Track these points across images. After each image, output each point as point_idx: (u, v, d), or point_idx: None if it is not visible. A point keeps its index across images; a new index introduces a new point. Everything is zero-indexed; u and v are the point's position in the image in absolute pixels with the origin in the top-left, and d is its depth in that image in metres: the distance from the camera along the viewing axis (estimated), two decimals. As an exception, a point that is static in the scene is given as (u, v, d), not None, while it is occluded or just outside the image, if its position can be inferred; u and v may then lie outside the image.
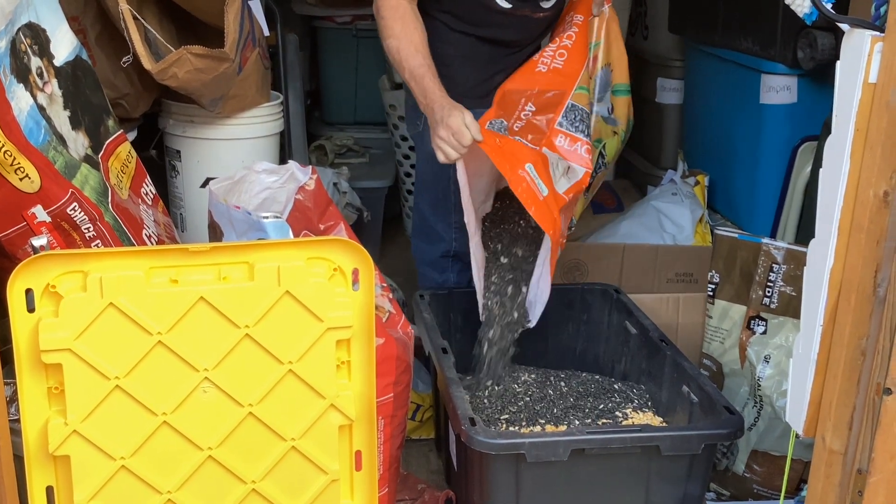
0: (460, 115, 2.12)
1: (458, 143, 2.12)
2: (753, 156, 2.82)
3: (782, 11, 2.59)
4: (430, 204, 2.64)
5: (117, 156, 2.15)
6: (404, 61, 2.25)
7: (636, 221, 3.02)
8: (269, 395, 1.67)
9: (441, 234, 2.64)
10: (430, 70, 2.24)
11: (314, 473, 1.73)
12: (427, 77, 2.23)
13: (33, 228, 1.81)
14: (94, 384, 1.58)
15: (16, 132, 1.76)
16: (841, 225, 1.44)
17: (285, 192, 2.03)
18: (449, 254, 2.67)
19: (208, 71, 2.30)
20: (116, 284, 1.56)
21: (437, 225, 2.64)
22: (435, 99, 2.20)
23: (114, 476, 1.62)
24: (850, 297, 1.44)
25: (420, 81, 2.23)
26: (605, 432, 1.99)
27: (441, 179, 2.56)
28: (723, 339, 2.45)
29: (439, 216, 2.62)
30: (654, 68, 3.53)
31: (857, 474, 1.47)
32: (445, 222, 2.62)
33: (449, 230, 2.62)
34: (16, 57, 1.80)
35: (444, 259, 2.68)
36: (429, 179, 2.62)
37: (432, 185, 2.61)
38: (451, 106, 2.16)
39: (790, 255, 2.31)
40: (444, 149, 2.15)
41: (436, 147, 2.18)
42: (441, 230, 2.63)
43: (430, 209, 2.64)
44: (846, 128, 1.40)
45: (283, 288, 1.63)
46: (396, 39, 2.26)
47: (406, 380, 2.07)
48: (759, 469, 2.37)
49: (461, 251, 2.65)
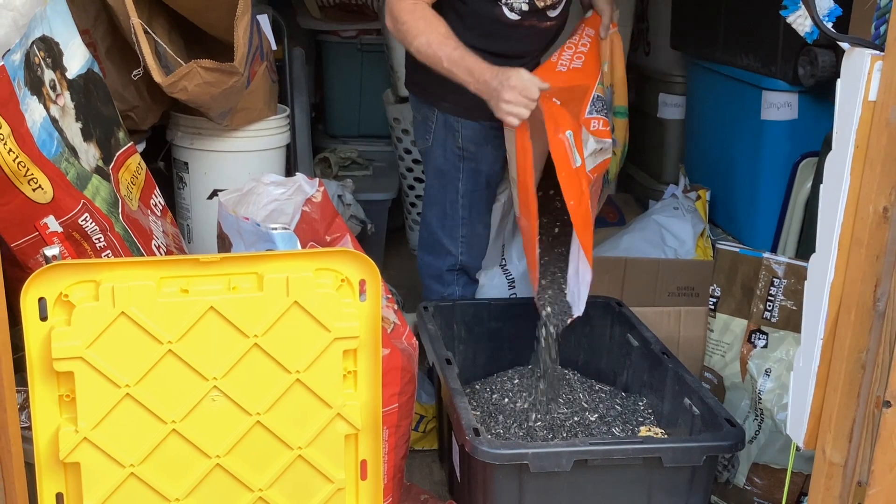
0: (519, 73, 2.13)
1: (527, 98, 2.12)
2: (754, 171, 2.85)
3: (783, 29, 2.62)
4: (437, 218, 2.65)
5: (127, 167, 2.18)
6: (439, 51, 2.24)
7: (638, 235, 3.04)
8: (277, 403, 1.69)
9: (448, 248, 2.66)
10: (467, 51, 2.24)
11: (320, 482, 1.75)
12: (467, 57, 2.23)
13: (45, 238, 1.84)
14: (104, 392, 1.60)
15: (29, 144, 1.79)
16: (841, 240, 1.46)
17: (293, 203, 2.06)
18: (455, 267, 2.69)
19: (217, 84, 2.33)
20: (128, 294, 1.58)
21: (444, 239, 2.65)
22: (484, 70, 2.20)
23: (123, 483, 1.65)
24: (850, 311, 1.46)
25: (461, 62, 2.22)
26: (608, 444, 2.00)
27: (449, 193, 2.59)
28: (724, 352, 2.47)
29: (447, 231, 2.64)
30: (656, 84, 3.57)
31: (856, 486, 1.49)
32: (452, 237, 2.64)
33: (456, 244, 2.65)
34: (30, 70, 1.83)
35: (451, 273, 2.70)
36: (436, 194, 2.64)
37: (440, 199, 2.63)
38: (504, 70, 2.16)
39: (791, 270, 2.33)
40: (513, 111, 2.15)
41: (505, 115, 2.17)
42: (448, 244, 2.65)
43: (437, 223, 2.66)
44: (846, 145, 1.43)
45: (291, 298, 1.65)
46: (424, 35, 2.26)
47: (411, 390, 2.09)
48: (759, 482, 2.39)
49: (468, 264, 2.68)
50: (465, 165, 2.56)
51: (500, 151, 2.55)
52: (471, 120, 2.50)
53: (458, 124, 2.52)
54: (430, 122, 2.56)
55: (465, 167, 2.56)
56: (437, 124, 2.55)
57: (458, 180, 2.56)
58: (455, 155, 2.56)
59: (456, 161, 2.56)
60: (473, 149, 2.54)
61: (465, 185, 2.57)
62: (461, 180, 2.56)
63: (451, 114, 2.51)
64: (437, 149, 2.58)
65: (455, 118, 2.51)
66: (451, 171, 2.58)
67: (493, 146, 2.54)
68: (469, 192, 2.59)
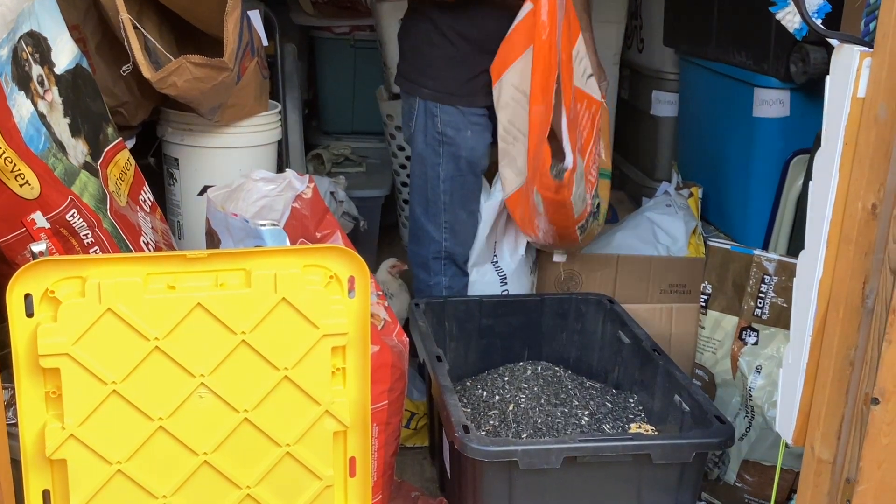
0: None
1: None
2: (746, 168, 2.85)
3: (775, 26, 2.62)
4: (420, 205, 2.71)
5: (116, 163, 2.17)
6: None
7: (630, 233, 3.04)
8: (265, 401, 1.69)
9: (432, 234, 2.70)
10: None
11: (308, 479, 1.75)
12: None
13: (32, 234, 1.83)
14: (91, 389, 1.59)
15: (16, 139, 1.77)
16: (830, 237, 1.46)
17: (282, 200, 2.05)
18: (440, 255, 2.71)
19: (207, 80, 2.32)
20: (114, 290, 1.57)
21: (427, 225, 2.70)
22: None
23: (110, 480, 1.64)
24: (838, 308, 1.46)
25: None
26: (598, 440, 2.00)
27: (430, 179, 2.65)
28: (715, 349, 2.47)
29: (430, 216, 2.69)
30: (649, 81, 3.56)
31: (845, 483, 1.49)
32: (435, 223, 2.68)
33: (439, 230, 2.69)
34: (17, 65, 1.81)
35: (437, 261, 2.72)
36: (419, 181, 2.70)
37: (422, 186, 2.68)
38: None
39: (781, 267, 2.33)
40: None
41: None
42: (431, 231, 2.69)
43: (421, 210, 2.71)
44: (835, 141, 1.43)
45: (279, 295, 1.64)
46: None
47: (401, 387, 2.09)
48: (750, 479, 2.39)
49: (454, 251, 2.69)
50: (444, 150, 2.62)
51: (479, 138, 2.62)
52: (449, 105, 2.58)
53: (437, 109, 2.59)
54: (413, 111, 2.65)
55: (444, 152, 2.62)
56: (419, 111, 2.63)
57: (439, 165, 2.63)
58: (435, 140, 2.62)
59: (436, 146, 2.63)
60: (452, 133, 2.60)
61: (445, 171, 2.63)
62: (441, 165, 2.63)
63: (431, 100, 2.59)
64: (418, 135, 2.65)
65: (434, 104, 2.59)
66: (431, 156, 2.64)
67: (472, 132, 2.60)
68: (450, 177, 2.64)
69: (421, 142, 2.65)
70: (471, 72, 2.56)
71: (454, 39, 2.53)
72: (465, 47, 2.53)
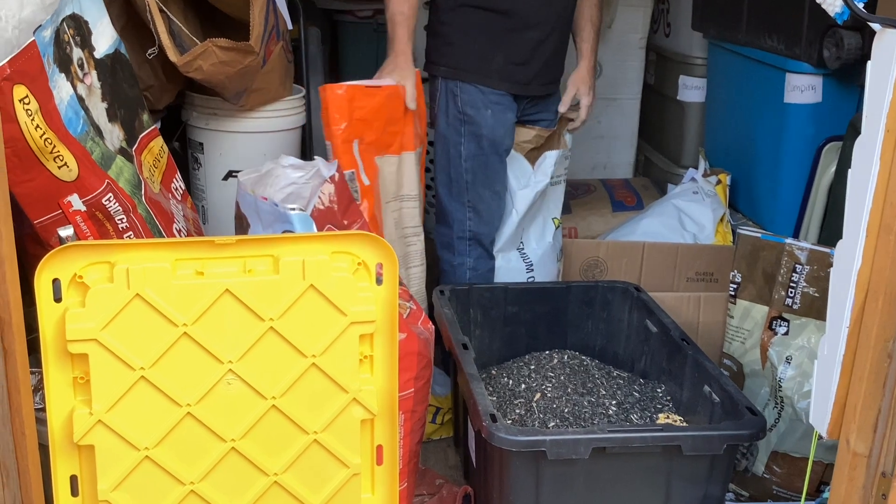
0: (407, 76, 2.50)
1: None
2: (777, 155, 2.81)
3: (808, 10, 2.57)
4: (444, 185, 2.72)
5: (150, 150, 2.16)
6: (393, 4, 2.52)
7: (656, 220, 3.01)
8: (293, 388, 1.68)
9: (456, 214, 2.70)
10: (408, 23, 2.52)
11: (336, 467, 1.74)
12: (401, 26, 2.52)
13: (68, 216, 1.82)
14: (119, 374, 1.59)
15: (56, 121, 1.76)
16: (869, 226, 1.43)
17: (310, 187, 2.04)
18: (465, 235, 2.70)
19: (233, 64, 2.31)
20: (143, 276, 1.56)
21: (451, 205, 2.70)
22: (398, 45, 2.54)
23: (138, 466, 1.64)
24: (877, 299, 1.42)
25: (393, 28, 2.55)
26: (627, 431, 1.98)
27: (452, 158, 2.66)
28: (744, 339, 2.44)
29: (453, 196, 2.70)
30: (676, 66, 3.52)
31: (881, 477, 1.46)
32: (459, 202, 2.69)
33: (463, 210, 2.69)
34: (59, 47, 1.80)
35: (461, 241, 2.72)
36: (442, 161, 2.71)
37: (445, 166, 2.69)
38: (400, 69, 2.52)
39: (814, 256, 2.30)
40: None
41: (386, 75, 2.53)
42: (455, 211, 2.70)
43: (445, 191, 2.72)
44: (876, 128, 1.39)
45: (307, 281, 1.63)
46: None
47: (427, 375, 2.07)
48: (778, 470, 2.36)
49: (479, 232, 2.68)
50: (465, 129, 2.63)
51: (500, 118, 2.63)
52: (468, 83, 2.60)
53: (457, 89, 2.62)
54: (436, 92, 2.67)
55: (465, 131, 2.63)
56: (441, 92, 2.66)
57: (461, 144, 2.64)
58: (457, 119, 2.63)
59: (458, 125, 2.64)
60: (472, 112, 2.61)
61: (466, 150, 2.64)
62: (463, 144, 2.65)
63: (451, 78, 2.62)
64: (440, 116, 2.68)
65: (454, 83, 2.62)
66: (453, 135, 2.65)
67: (492, 111, 2.62)
68: (472, 156, 2.64)
69: (443, 122, 2.66)
70: (484, 49, 2.57)
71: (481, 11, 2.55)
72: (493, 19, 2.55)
